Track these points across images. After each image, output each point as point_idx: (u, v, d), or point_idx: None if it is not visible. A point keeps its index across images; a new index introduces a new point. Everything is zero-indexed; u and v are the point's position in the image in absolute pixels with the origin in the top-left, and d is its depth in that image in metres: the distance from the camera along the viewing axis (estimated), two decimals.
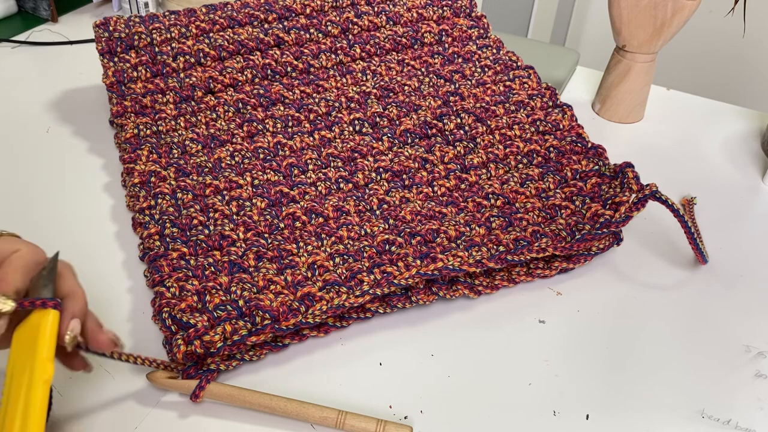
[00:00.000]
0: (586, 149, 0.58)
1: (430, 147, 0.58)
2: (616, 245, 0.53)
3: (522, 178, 0.55)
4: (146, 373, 0.42)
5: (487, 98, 0.63)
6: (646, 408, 0.43)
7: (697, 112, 0.73)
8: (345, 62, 0.66)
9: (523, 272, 0.50)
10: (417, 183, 0.55)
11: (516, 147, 0.58)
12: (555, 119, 0.61)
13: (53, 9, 0.82)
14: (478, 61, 0.68)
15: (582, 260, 0.51)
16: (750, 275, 0.53)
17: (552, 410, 0.43)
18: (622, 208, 0.49)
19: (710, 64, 1.53)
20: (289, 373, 0.44)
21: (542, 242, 0.49)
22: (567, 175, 0.56)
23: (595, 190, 0.54)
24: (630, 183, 0.51)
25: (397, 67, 0.66)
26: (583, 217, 0.52)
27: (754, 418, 0.43)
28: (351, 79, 0.64)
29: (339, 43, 0.66)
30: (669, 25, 0.63)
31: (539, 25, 1.57)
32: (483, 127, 0.60)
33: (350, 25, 0.67)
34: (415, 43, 0.68)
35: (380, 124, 0.60)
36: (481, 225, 0.51)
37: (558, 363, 0.45)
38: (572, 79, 0.76)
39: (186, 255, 0.47)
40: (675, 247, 0.55)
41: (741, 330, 0.48)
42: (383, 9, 0.69)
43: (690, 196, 0.59)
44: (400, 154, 0.57)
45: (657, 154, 0.66)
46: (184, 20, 0.64)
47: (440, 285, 0.48)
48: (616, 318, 0.49)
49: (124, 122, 0.59)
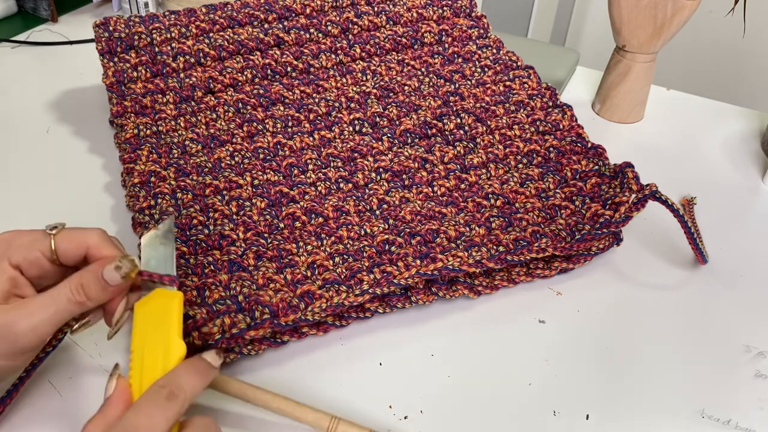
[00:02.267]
0: (586, 149, 0.58)
1: (430, 147, 0.58)
2: (615, 245, 0.53)
3: (522, 178, 0.55)
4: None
5: (487, 98, 0.63)
6: (646, 408, 0.43)
7: (697, 112, 0.73)
8: (345, 62, 0.66)
9: (522, 272, 0.50)
10: (417, 183, 0.55)
11: (516, 147, 0.58)
12: (555, 119, 0.61)
13: (53, 9, 0.82)
14: (478, 61, 0.68)
15: (582, 260, 0.51)
16: (750, 275, 0.53)
17: (552, 410, 0.43)
18: (622, 208, 0.49)
19: (710, 64, 1.53)
20: (289, 371, 0.44)
21: (542, 242, 0.49)
22: (567, 175, 0.56)
23: (595, 190, 0.54)
24: (630, 183, 0.51)
25: (397, 67, 0.66)
26: (583, 217, 0.52)
27: (754, 418, 0.43)
28: (351, 79, 0.64)
29: (339, 43, 0.66)
30: (669, 25, 0.63)
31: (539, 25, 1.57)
32: (483, 127, 0.60)
33: (350, 25, 0.67)
34: (415, 43, 0.68)
35: (380, 124, 0.60)
36: (480, 225, 0.51)
37: (558, 363, 0.45)
38: (572, 79, 0.76)
39: (185, 254, 0.47)
40: (675, 246, 0.55)
41: (741, 330, 0.48)
42: (383, 9, 0.68)
43: (690, 196, 0.59)
44: (399, 154, 0.57)
45: (657, 154, 0.66)
46: (184, 20, 0.64)
47: (440, 285, 0.48)
48: (616, 318, 0.49)
49: (124, 122, 0.59)
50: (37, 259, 0.37)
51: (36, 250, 0.37)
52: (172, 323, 0.36)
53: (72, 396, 0.42)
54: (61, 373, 0.43)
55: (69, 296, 0.36)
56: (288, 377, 0.43)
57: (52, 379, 0.42)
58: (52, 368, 0.43)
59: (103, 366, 0.43)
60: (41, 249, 0.37)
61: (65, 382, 0.42)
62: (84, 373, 0.43)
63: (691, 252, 0.54)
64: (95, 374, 0.43)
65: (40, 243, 0.37)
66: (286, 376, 0.43)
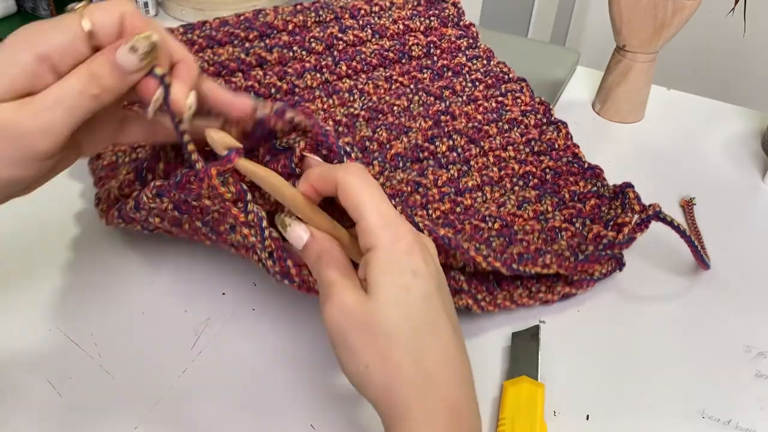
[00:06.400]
0: (583, 170, 0.57)
1: (423, 170, 0.55)
2: (618, 270, 0.51)
3: (519, 201, 0.54)
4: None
5: (479, 116, 0.61)
6: (646, 408, 0.43)
7: (697, 112, 0.73)
8: (331, 81, 0.62)
9: (525, 294, 0.48)
10: (410, 206, 0.52)
11: (511, 169, 0.56)
12: (550, 138, 0.59)
13: (52, 8, 0.82)
14: (469, 74, 0.66)
15: (585, 285, 0.50)
16: (750, 275, 0.53)
17: (552, 410, 0.42)
18: (625, 229, 0.48)
19: (710, 64, 1.53)
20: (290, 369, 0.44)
21: (546, 258, 0.48)
22: (565, 196, 0.55)
23: (594, 211, 0.53)
24: (632, 203, 0.50)
25: (385, 84, 0.63)
26: (585, 238, 0.50)
27: (754, 419, 0.43)
28: (338, 99, 0.61)
29: (324, 61, 0.63)
30: (669, 24, 0.63)
31: (539, 25, 1.57)
32: (476, 148, 0.58)
33: (335, 40, 0.64)
34: (403, 57, 0.65)
35: (370, 148, 0.57)
36: (481, 244, 0.49)
37: (558, 363, 0.45)
38: (572, 79, 0.76)
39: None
40: (675, 246, 0.54)
41: (741, 330, 0.48)
42: (368, 22, 0.66)
43: (689, 197, 0.59)
44: (391, 178, 0.54)
45: (657, 154, 0.66)
46: None
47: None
48: (615, 318, 0.49)
49: (101, 152, 0.55)
50: (70, 44, 0.31)
51: (68, 33, 0.31)
52: (537, 407, 0.41)
53: (72, 396, 0.42)
54: (61, 373, 0.43)
55: (80, 88, 0.31)
56: (287, 374, 0.43)
57: (51, 379, 0.42)
58: (52, 368, 0.43)
59: (103, 366, 0.43)
60: (74, 31, 0.31)
61: (65, 382, 0.42)
62: (84, 373, 0.43)
63: (690, 252, 0.54)
64: (95, 374, 0.43)
65: (69, 21, 0.31)
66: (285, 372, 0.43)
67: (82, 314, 0.46)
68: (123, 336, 0.45)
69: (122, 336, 0.45)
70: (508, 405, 0.41)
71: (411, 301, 0.33)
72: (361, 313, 0.32)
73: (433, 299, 0.34)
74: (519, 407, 0.41)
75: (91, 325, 0.45)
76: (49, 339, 0.44)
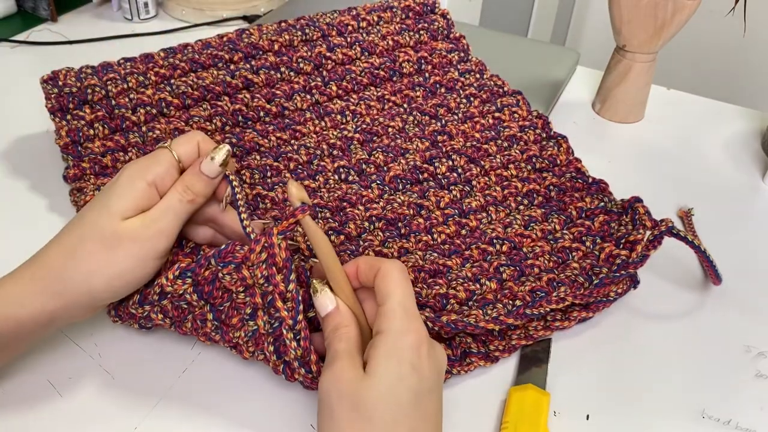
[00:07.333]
0: (587, 185, 0.55)
1: (424, 192, 0.54)
2: (633, 288, 0.50)
3: (525, 220, 0.52)
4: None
5: (477, 135, 0.59)
6: (646, 408, 0.43)
7: (697, 112, 0.73)
8: (321, 102, 0.61)
9: (540, 326, 0.47)
10: (414, 231, 0.51)
11: (514, 188, 0.55)
12: (551, 154, 0.57)
13: (53, 8, 0.82)
14: (462, 89, 0.64)
15: (601, 307, 0.48)
16: (750, 275, 0.53)
17: (552, 410, 0.43)
18: (638, 246, 0.47)
19: (710, 64, 1.53)
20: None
21: (560, 291, 0.46)
22: (572, 214, 0.53)
23: (604, 228, 0.51)
24: (643, 219, 0.48)
25: (377, 104, 0.62)
26: (597, 258, 0.49)
27: (754, 419, 0.43)
28: (330, 121, 0.60)
29: (313, 81, 0.61)
30: (669, 24, 0.63)
31: (539, 25, 1.57)
32: (477, 168, 0.56)
33: (323, 60, 0.62)
34: (394, 75, 0.64)
35: (367, 171, 0.56)
36: (491, 278, 0.47)
37: (559, 363, 0.45)
38: (572, 79, 0.76)
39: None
40: (674, 246, 0.54)
41: (741, 330, 0.48)
42: (357, 39, 0.64)
43: (687, 208, 0.58)
44: (392, 201, 0.53)
45: (657, 154, 0.66)
46: (141, 67, 0.57)
47: (453, 362, 0.44)
48: (615, 318, 0.49)
49: (83, 185, 0.53)
50: (167, 171, 0.41)
51: (165, 163, 0.41)
52: (541, 415, 0.41)
53: (72, 396, 0.42)
54: (60, 373, 0.43)
55: (179, 198, 0.41)
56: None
57: (51, 379, 0.42)
58: (52, 368, 0.43)
59: (102, 366, 0.43)
60: (169, 160, 0.41)
61: (65, 382, 0.42)
62: (84, 373, 0.43)
63: (690, 252, 0.54)
64: (95, 374, 0.43)
65: (164, 156, 0.42)
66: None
67: None
68: (123, 336, 0.45)
69: (122, 336, 0.45)
70: (511, 410, 0.41)
71: (401, 392, 0.34)
72: (353, 387, 0.34)
73: (423, 399, 0.35)
74: (522, 413, 0.41)
75: (91, 325, 0.45)
76: (49, 339, 0.44)
